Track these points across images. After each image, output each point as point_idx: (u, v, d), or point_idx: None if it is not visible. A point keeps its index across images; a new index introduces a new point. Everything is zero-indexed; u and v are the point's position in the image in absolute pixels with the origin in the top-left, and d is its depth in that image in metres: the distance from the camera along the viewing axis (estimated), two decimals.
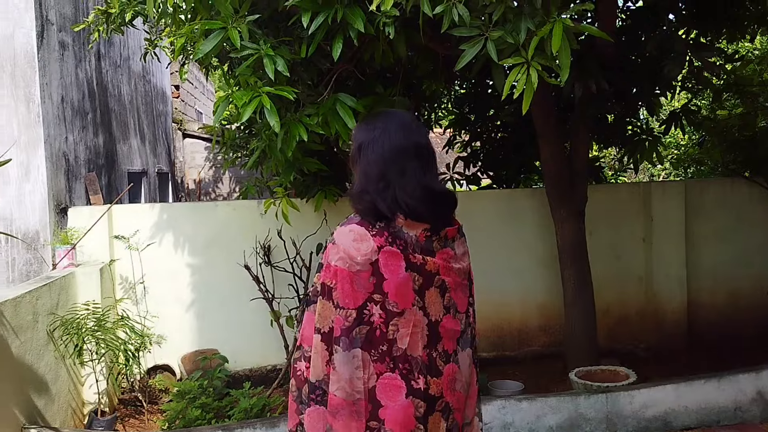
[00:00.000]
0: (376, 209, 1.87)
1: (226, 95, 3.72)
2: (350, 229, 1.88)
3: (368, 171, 1.96)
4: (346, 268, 1.83)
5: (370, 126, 2.02)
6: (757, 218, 5.87)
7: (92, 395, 4.53)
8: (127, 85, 7.40)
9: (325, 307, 1.87)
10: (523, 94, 2.88)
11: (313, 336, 1.90)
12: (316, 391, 1.89)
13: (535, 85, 2.87)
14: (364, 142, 1.99)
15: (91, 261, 4.89)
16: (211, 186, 10.62)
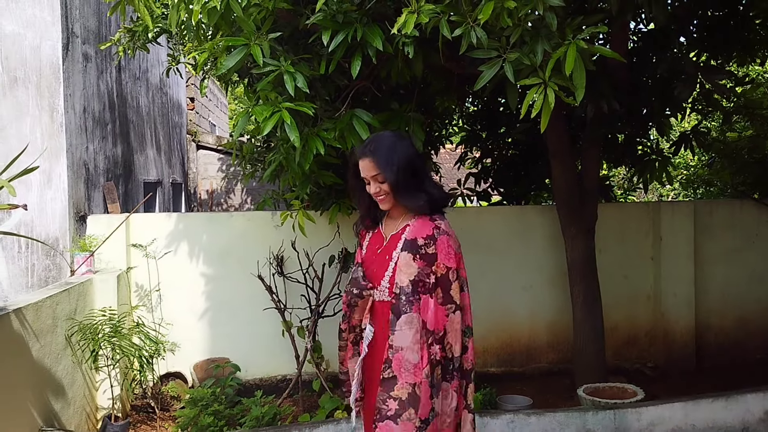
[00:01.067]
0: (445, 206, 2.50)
1: (246, 109, 3.81)
2: (448, 223, 2.45)
3: (430, 176, 2.54)
4: (461, 253, 2.44)
5: (407, 141, 2.55)
6: (767, 240, 5.91)
7: (106, 401, 4.60)
8: (145, 96, 7.54)
9: (455, 287, 2.37)
10: (540, 114, 2.96)
11: (442, 319, 2.34)
12: (454, 364, 2.35)
13: (552, 105, 2.96)
14: (417, 155, 2.51)
15: (109, 268, 4.98)
16: (223, 197, 10.74)
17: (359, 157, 2.46)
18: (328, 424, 3.92)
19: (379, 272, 2.45)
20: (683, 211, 5.76)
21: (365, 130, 3.91)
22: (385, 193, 2.42)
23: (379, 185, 2.42)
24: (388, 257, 2.44)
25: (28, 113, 4.84)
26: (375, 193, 2.44)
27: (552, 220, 5.66)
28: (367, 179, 2.44)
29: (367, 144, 2.51)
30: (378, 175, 2.40)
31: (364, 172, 2.43)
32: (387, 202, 2.45)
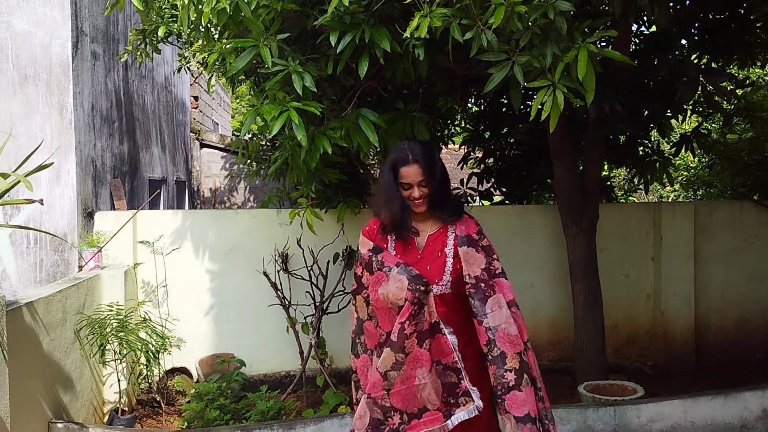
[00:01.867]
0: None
1: (254, 107, 3.87)
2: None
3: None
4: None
5: (439, 151, 2.77)
6: (766, 241, 5.97)
7: (113, 394, 4.67)
8: (150, 95, 7.61)
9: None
10: (545, 114, 3.01)
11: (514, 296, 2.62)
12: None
13: (561, 107, 3.01)
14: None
15: (116, 264, 5.05)
16: (226, 195, 10.81)
17: (406, 163, 2.60)
18: (333, 418, 3.98)
19: (435, 269, 2.59)
20: (684, 211, 5.82)
21: (371, 130, 3.97)
22: (425, 197, 2.59)
23: (422, 190, 2.58)
24: (441, 254, 2.62)
25: (38, 111, 4.90)
26: (417, 197, 2.58)
27: (553, 219, 5.73)
28: (411, 184, 2.59)
29: (410, 151, 2.63)
30: (423, 181, 2.57)
31: (410, 178, 2.58)
32: (424, 206, 2.62)
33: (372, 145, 4.12)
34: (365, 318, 2.67)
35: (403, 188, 2.61)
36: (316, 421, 3.96)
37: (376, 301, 2.57)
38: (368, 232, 2.73)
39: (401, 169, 2.61)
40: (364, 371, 2.66)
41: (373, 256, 2.65)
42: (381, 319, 2.59)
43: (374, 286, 2.59)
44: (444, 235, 2.64)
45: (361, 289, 2.68)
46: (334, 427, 3.95)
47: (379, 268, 2.59)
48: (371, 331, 2.65)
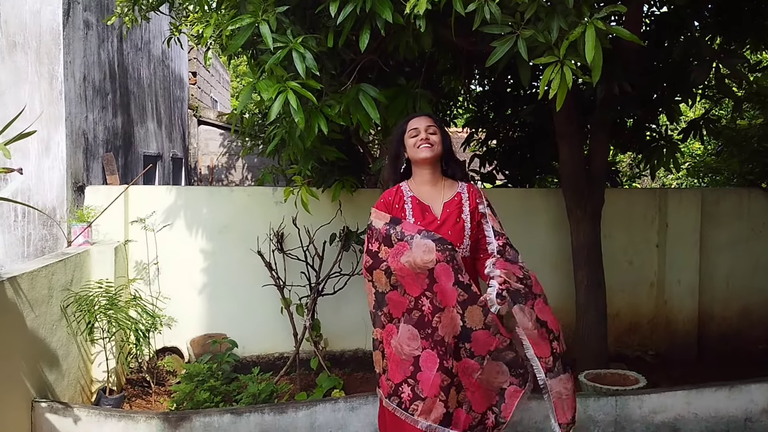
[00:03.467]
0: None
1: (251, 83, 3.71)
2: None
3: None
4: None
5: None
6: None
7: (101, 373, 4.55)
8: (146, 68, 7.43)
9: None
10: (552, 92, 2.87)
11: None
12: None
13: (570, 84, 2.88)
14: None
15: (106, 240, 4.91)
16: (224, 173, 10.66)
17: (415, 116, 2.92)
18: (326, 402, 3.86)
19: (455, 233, 2.77)
20: (690, 198, 5.68)
21: (372, 106, 3.83)
22: (435, 142, 2.81)
23: (430, 135, 2.81)
24: (459, 220, 2.81)
25: (27, 80, 4.74)
26: (424, 139, 2.79)
27: (556, 203, 5.58)
28: (419, 129, 2.82)
29: (420, 112, 3.13)
30: (432, 127, 2.83)
31: (418, 124, 2.83)
32: (431, 151, 2.80)
33: (372, 123, 3.97)
34: (387, 289, 2.75)
35: (411, 136, 2.83)
36: (308, 405, 3.84)
37: (401, 269, 2.68)
38: (383, 204, 2.86)
39: (410, 122, 2.88)
40: (389, 340, 2.77)
41: (391, 228, 2.76)
42: (408, 285, 2.70)
43: (396, 256, 2.70)
44: (459, 202, 2.84)
45: (378, 263, 2.76)
46: (327, 412, 3.84)
47: (400, 239, 2.72)
48: (397, 299, 2.73)
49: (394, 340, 2.73)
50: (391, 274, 2.72)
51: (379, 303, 2.78)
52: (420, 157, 2.82)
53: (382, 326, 2.78)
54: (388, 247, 2.73)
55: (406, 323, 2.71)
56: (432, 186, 2.88)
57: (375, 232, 2.80)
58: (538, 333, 2.73)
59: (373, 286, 2.79)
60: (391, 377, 2.77)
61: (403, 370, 2.71)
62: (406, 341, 2.70)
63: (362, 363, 5.39)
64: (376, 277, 2.77)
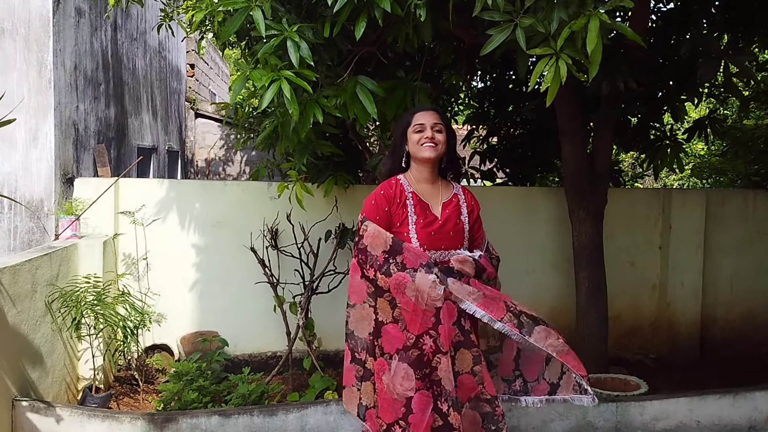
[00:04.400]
0: None
1: (244, 73, 3.58)
2: None
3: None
4: None
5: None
6: None
7: (87, 371, 4.42)
8: (142, 59, 7.29)
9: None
10: (544, 86, 2.76)
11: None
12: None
13: (563, 79, 2.75)
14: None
15: (95, 234, 4.78)
16: (221, 166, 10.52)
17: (422, 110, 2.80)
18: (317, 405, 3.74)
19: (456, 234, 2.71)
20: (695, 199, 5.55)
21: (369, 100, 3.70)
22: (440, 142, 2.70)
23: (435, 134, 2.70)
24: (459, 222, 2.74)
25: (15, 67, 4.60)
26: (430, 137, 2.67)
27: (558, 202, 5.45)
28: (424, 125, 2.70)
29: (426, 105, 3.01)
30: (438, 125, 2.72)
31: (425, 120, 2.72)
32: (435, 151, 2.70)
33: (369, 117, 3.84)
34: (388, 320, 2.60)
35: (416, 131, 2.71)
36: (299, 408, 3.72)
37: (406, 303, 2.52)
38: (384, 198, 2.68)
39: (416, 115, 2.76)
40: (380, 376, 2.61)
41: (391, 258, 2.57)
42: (411, 322, 2.54)
43: (399, 288, 2.54)
44: (457, 204, 2.78)
45: (381, 292, 2.61)
46: (318, 414, 3.72)
47: (400, 270, 2.56)
48: (394, 334, 2.58)
49: (386, 378, 2.57)
50: (396, 306, 2.57)
51: (376, 332, 2.62)
52: (422, 157, 2.72)
53: (375, 357, 2.63)
54: (385, 276, 2.57)
55: (401, 361, 2.55)
56: (431, 184, 2.79)
57: (370, 258, 2.60)
58: (484, 294, 2.62)
59: (374, 312, 2.63)
60: (381, 415, 2.63)
61: (395, 410, 2.57)
62: (400, 381, 2.55)
63: None
64: (381, 305, 2.62)
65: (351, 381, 2.72)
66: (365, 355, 2.64)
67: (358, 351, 2.67)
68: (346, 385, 2.72)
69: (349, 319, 2.73)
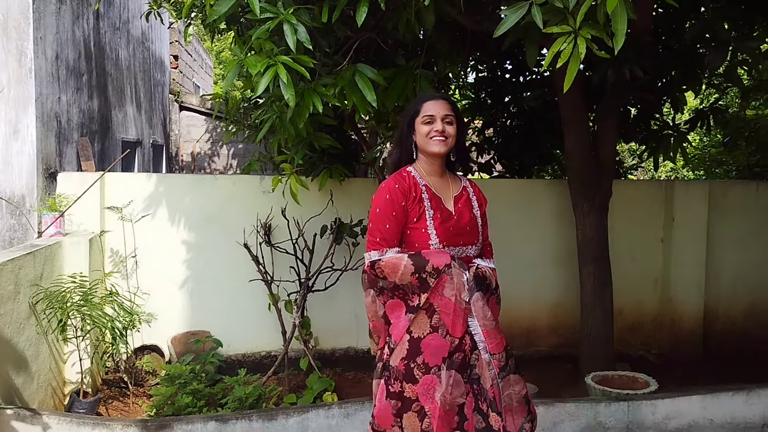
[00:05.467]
0: None
1: (237, 59, 3.39)
2: None
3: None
4: None
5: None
6: None
7: (74, 374, 4.22)
8: (125, 49, 7.04)
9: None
10: (560, 62, 2.57)
11: None
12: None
13: (582, 56, 2.57)
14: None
15: (80, 231, 4.57)
16: (207, 161, 10.28)
17: (432, 98, 2.56)
18: (319, 408, 3.58)
19: (472, 229, 2.56)
20: (698, 191, 5.43)
21: (369, 88, 3.52)
22: (450, 135, 2.51)
23: (446, 126, 2.50)
24: (472, 216, 2.59)
25: None
26: (440, 130, 2.49)
27: (559, 195, 5.32)
28: (434, 117, 2.50)
29: (436, 93, 2.80)
30: (449, 117, 2.51)
31: (435, 110, 2.50)
32: (445, 146, 2.52)
33: (369, 106, 3.67)
34: (426, 333, 2.38)
35: (425, 123, 2.52)
36: (300, 412, 3.55)
37: (445, 305, 2.38)
38: (400, 192, 2.48)
39: (426, 104, 2.54)
40: (431, 395, 2.36)
41: (421, 273, 2.38)
42: (454, 324, 2.37)
43: (438, 291, 2.38)
44: (468, 198, 2.64)
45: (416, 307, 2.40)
46: (320, 418, 3.55)
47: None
48: (437, 344, 2.38)
49: (439, 393, 2.33)
50: (434, 313, 2.38)
51: (412, 353, 2.37)
52: (432, 152, 2.53)
53: (414, 381, 2.36)
54: (426, 293, 2.39)
55: (449, 369, 2.35)
56: (440, 177, 2.61)
57: (409, 288, 2.40)
58: (495, 325, 2.47)
59: (407, 332, 2.40)
60: None
61: (450, 424, 2.36)
62: (451, 390, 2.35)
63: (354, 362, 5.11)
64: (417, 320, 2.40)
65: (389, 421, 2.41)
66: (400, 385, 2.39)
67: (392, 383, 2.40)
68: (385, 427, 2.42)
69: (386, 353, 2.45)
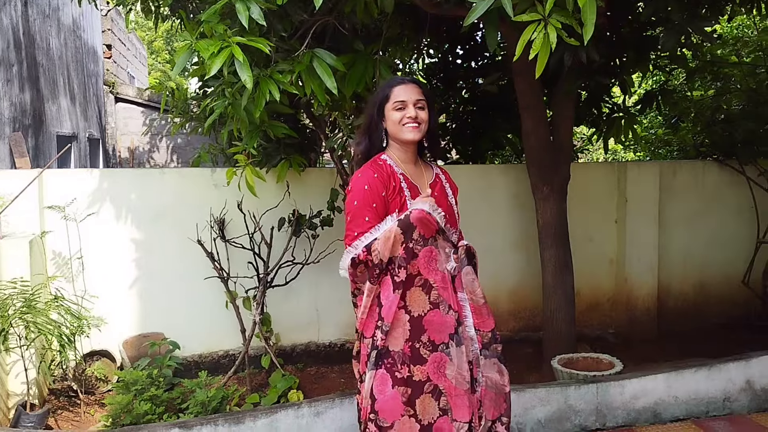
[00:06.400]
0: None
1: (188, 44, 3.20)
2: None
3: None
4: None
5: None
6: (728, 203, 5.77)
7: (19, 385, 3.95)
8: (56, 38, 6.65)
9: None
10: (533, 53, 2.52)
11: None
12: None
13: (553, 45, 2.53)
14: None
15: (18, 232, 4.27)
16: (146, 155, 9.88)
17: (402, 83, 2.44)
18: (288, 408, 3.44)
19: (450, 216, 2.44)
20: (649, 171, 5.52)
21: (328, 74, 3.39)
22: (423, 121, 2.41)
23: (419, 111, 2.40)
24: (449, 203, 2.50)
25: None
26: (413, 116, 2.38)
27: (516, 180, 5.32)
28: (406, 103, 2.39)
29: (405, 77, 2.51)
30: (421, 101, 2.41)
31: (406, 95, 2.39)
32: (419, 132, 2.41)
33: (328, 93, 3.54)
34: (426, 310, 2.30)
35: (395, 110, 2.40)
36: (268, 413, 3.41)
37: (442, 279, 2.31)
38: (379, 181, 2.35)
39: (395, 89, 2.43)
40: (443, 372, 2.28)
41: (409, 242, 2.28)
42: (449, 298, 2.33)
43: (429, 264, 2.31)
44: (441, 184, 2.55)
45: (409, 282, 2.30)
46: (289, 419, 3.42)
47: (423, 246, 2.31)
48: (439, 320, 2.30)
49: (451, 370, 2.26)
50: (432, 289, 2.30)
51: (415, 333, 2.27)
52: (405, 139, 2.41)
53: (422, 362, 2.27)
54: (413, 258, 2.32)
55: (458, 345, 2.29)
56: (414, 164, 2.51)
57: (399, 260, 2.28)
58: (482, 304, 2.42)
59: (405, 311, 2.28)
60: (458, 417, 2.29)
61: (471, 402, 2.30)
62: (463, 365, 2.30)
63: (315, 357, 4.99)
64: (414, 295, 2.29)
65: (398, 411, 2.23)
66: (407, 369, 2.27)
67: (398, 368, 2.26)
68: (393, 420, 2.24)
69: (380, 338, 2.31)
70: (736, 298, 5.77)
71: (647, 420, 3.80)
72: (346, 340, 5.05)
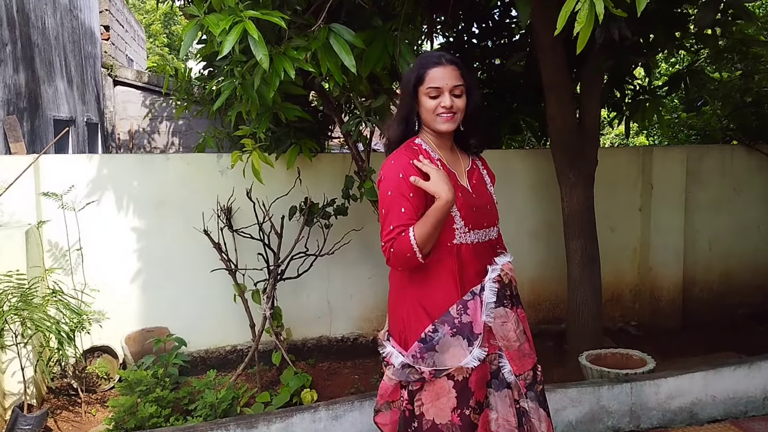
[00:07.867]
0: None
1: (195, 21, 2.93)
2: None
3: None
4: None
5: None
6: (756, 189, 5.53)
7: (16, 385, 3.72)
8: (52, 17, 6.35)
9: None
10: (577, 27, 2.26)
11: None
12: None
13: (601, 16, 2.26)
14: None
15: (13, 222, 4.02)
16: (146, 139, 9.60)
17: (438, 64, 2.10)
18: (303, 412, 3.21)
19: (492, 209, 2.23)
20: (676, 156, 5.27)
21: (347, 51, 3.13)
22: (459, 110, 2.11)
23: (455, 100, 2.08)
24: (489, 193, 2.26)
25: None
26: (448, 106, 2.07)
27: (535, 166, 5.08)
28: (441, 90, 2.07)
29: (441, 55, 2.14)
30: (459, 87, 2.09)
31: (442, 81, 2.07)
32: (453, 122, 2.11)
33: (344, 72, 3.28)
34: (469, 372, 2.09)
35: (429, 96, 2.10)
36: (283, 416, 3.18)
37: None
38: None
39: (430, 72, 2.10)
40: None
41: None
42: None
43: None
44: (479, 172, 2.29)
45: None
46: (305, 423, 3.19)
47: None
48: (477, 375, 2.09)
49: (494, 421, 2.13)
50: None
51: (463, 398, 2.06)
52: (439, 130, 2.13)
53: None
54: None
55: (497, 390, 2.15)
56: (450, 150, 2.24)
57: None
58: (518, 347, 2.15)
59: (449, 380, 2.11)
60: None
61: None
62: (507, 412, 2.15)
63: (327, 352, 4.77)
64: (453, 351, 2.08)
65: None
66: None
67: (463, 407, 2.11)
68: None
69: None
70: (763, 287, 5.55)
71: (683, 421, 3.59)
72: (359, 335, 4.82)
